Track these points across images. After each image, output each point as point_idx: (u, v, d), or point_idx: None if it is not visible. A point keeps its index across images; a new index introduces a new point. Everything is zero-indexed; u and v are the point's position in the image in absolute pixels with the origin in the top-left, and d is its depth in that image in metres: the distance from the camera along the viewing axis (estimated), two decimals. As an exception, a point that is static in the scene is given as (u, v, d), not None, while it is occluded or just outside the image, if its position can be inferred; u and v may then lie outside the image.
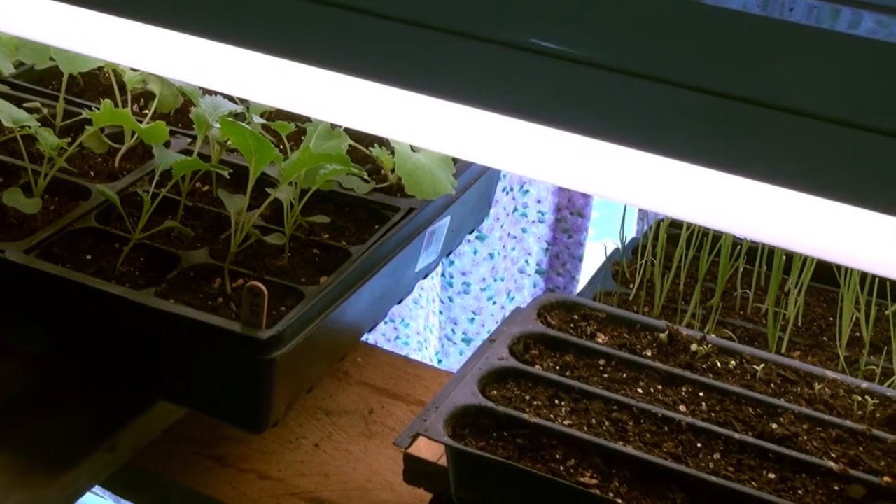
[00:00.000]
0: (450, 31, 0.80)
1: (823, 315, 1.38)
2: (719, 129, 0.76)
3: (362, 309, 1.29)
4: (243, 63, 0.90)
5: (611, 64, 0.76)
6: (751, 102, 0.74)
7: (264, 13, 0.86)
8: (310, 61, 0.87)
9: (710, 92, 0.74)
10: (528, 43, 0.77)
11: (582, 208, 2.01)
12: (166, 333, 1.17)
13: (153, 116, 1.45)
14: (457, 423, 1.08)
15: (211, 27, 0.88)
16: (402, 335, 2.05)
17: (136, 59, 1.03)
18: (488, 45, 0.79)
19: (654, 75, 0.75)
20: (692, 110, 0.76)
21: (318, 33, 0.85)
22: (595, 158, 0.84)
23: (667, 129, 0.78)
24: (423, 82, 0.84)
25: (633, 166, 0.83)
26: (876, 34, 0.68)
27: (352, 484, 1.29)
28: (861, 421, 1.12)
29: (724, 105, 0.74)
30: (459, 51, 0.80)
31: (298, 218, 1.29)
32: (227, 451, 1.32)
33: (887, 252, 0.82)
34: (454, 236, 1.51)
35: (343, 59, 0.86)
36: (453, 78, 0.83)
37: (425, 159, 1.31)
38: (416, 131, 0.95)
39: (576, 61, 0.77)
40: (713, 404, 1.13)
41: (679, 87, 0.75)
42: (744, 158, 0.77)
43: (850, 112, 0.70)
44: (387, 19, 0.82)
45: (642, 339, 1.22)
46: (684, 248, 1.40)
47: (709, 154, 0.78)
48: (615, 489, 1.02)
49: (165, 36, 0.90)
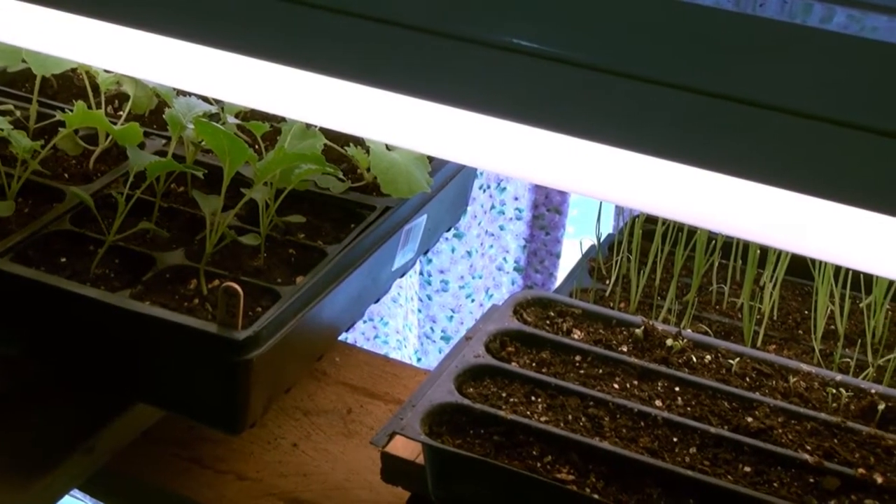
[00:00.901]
0: (424, 30, 0.80)
1: (798, 308, 1.39)
2: (693, 126, 0.77)
3: (339, 308, 1.29)
4: (217, 63, 0.90)
5: (584, 61, 0.76)
6: (724, 98, 0.74)
7: (237, 13, 0.86)
8: (283, 61, 0.87)
9: (683, 88, 0.75)
10: (503, 41, 0.78)
11: (559, 205, 2.02)
12: (142, 335, 1.17)
13: (127, 118, 1.44)
14: (433, 422, 1.08)
15: (184, 28, 0.87)
16: (381, 334, 2.05)
17: (109, 60, 1.03)
18: (462, 44, 0.79)
19: (628, 72, 0.75)
20: (666, 107, 0.76)
21: (291, 33, 0.85)
22: (570, 155, 0.85)
23: (641, 125, 0.78)
24: (397, 81, 0.84)
25: (608, 163, 0.83)
26: (848, 29, 0.68)
27: (331, 483, 1.29)
28: (836, 413, 1.13)
29: (698, 101, 0.75)
30: (433, 49, 0.80)
31: (274, 218, 1.29)
32: (205, 452, 1.32)
33: (861, 246, 0.83)
34: (431, 234, 1.51)
35: (317, 58, 0.86)
36: (428, 76, 0.83)
37: (400, 158, 1.32)
38: (391, 130, 0.95)
39: (551, 59, 0.77)
40: (689, 399, 1.14)
41: (652, 84, 0.75)
42: (717, 154, 0.77)
43: (821, 107, 0.71)
44: (361, 18, 0.82)
45: (618, 334, 1.22)
46: (660, 243, 1.41)
47: (683, 150, 0.78)
48: (592, 485, 1.02)
49: (138, 37, 0.90)
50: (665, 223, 1.41)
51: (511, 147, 0.88)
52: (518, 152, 0.89)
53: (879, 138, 0.71)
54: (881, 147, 0.71)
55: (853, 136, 0.71)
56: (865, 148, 0.71)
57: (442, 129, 0.89)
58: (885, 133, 0.70)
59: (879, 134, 0.70)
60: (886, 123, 0.70)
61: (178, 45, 0.88)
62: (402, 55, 0.82)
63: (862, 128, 0.71)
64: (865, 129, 0.71)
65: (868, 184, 0.73)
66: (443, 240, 1.98)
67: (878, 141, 0.70)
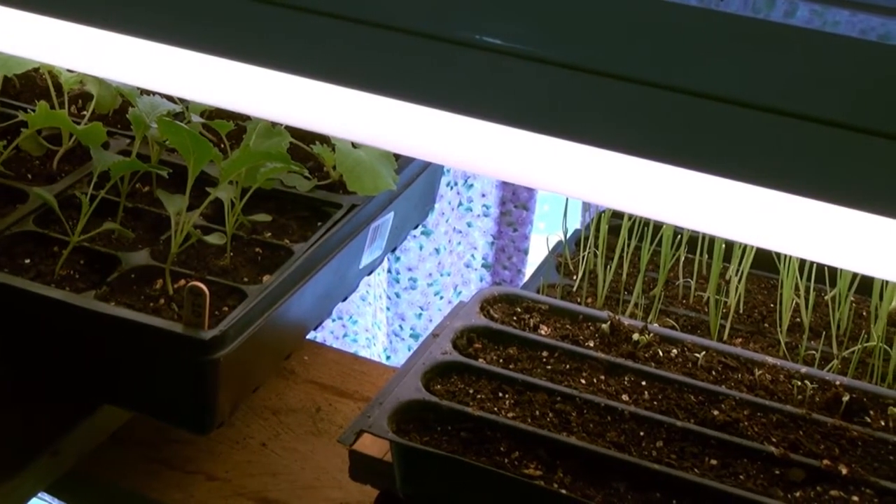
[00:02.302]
0: (386, 27, 0.80)
1: (764, 302, 1.40)
2: (657, 121, 0.77)
3: (306, 307, 1.29)
4: (179, 62, 0.89)
5: (552, 58, 0.76)
6: (688, 93, 0.74)
7: (200, 11, 0.85)
8: (247, 60, 0.87)
9: (647, 83, 0.75)
10: (470, 38, 0.78)
11: (526, 202, 2.02)
12: (108, 337, 1.16)
13: (91, 117, 1.43)
14: (401, 419, 1.08)
15: (146, 26, 0.87)
16: (351, 332, 2.05)
17: (71, 59, 1.02)
18: (428, 41, 0.79)
19: (593, 69, 0.76)
20: (631, 103, 0.76)
21: (255, 31, 0.85)
22: (536, 152, 0.85)
23: (606, 122, 0.79)
24: (362, 78, 0.84)
25: (574, 160, 0.83)
26: (811, 23, 0.68)
27: (300, 483, 1.29)
28: (801, 405, 1.14)
29: (663, 96, 0.75)
30: (396, 47, 0.80)
31: (240, 217, 1.29)
32: (173, 453, 1.32)
33: (825, 239, 0.83)
34: (398, 232, 1.51)
35: (281, 56, 0.85)
36: (391, 74, 0.83)
37: (366, 155, 1.31)
38: (355, 128, 0.95)
39: (518, 56, 0.77)
40: (655, 393, 1.14)
41: (617, 80, 0.76)
42: (682, 149, 0.78)
43: (788, 101, 0.71)
44: (326, 16, 0.82)
45: (585, 330, 1.23)
46: (626, 238, 1.41)
47: (647, 145, 0.79)
48: (559, 480, 1.03)
49: (100, 36, 0.89)
50: (631, 218, 1.42)
51: (476, 144, 0.88)
52: (484, 150, 0.89)
53: (846, 133, 0.71)
54: (848, 142, 0.71)
55: (818, 130, 0.72)
56: (832, 143, 0.72)
57: (407, 126, 0.89)
58: (852, 128, 0.70)
59: (846, 129, 0.71)
60: (851, 118, 0.70)
61: (140, 43, 0.87)
62: (366, 53, 0.82)
63: (826, 122, 0.71)
64: (830, 124, 0.71)
65: (834, 178, 0.74)
66: (411, 237, 1.98)
67: (845, 135, 0.71)
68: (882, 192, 0.73)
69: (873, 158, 0.71)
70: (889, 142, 0.69)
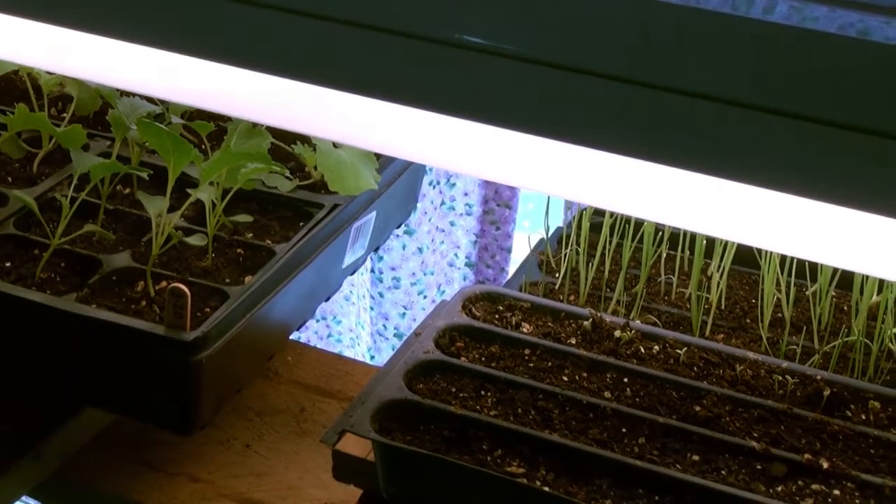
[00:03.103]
0: (367, 27, 0.80)
1: (746, 297, 1.40)
2: (637, 118, 0.77)
3: (289, 307, 1.29)
4: (159, 63, 0.89)
5: (530, 56, 0.77)
6: (668, 91, 0.75)
7: (178, 12, 0.85)
8: (226, 60, 0.87)
9: (627, 81, 0.75)
10: (447, 36, 0.78)
11: (509, 200, 2.02)
12: (90, 339, 1.16)
13: (71, 119, 1.43)
14: (383, 418, 1.08)
15: (123, 27, 0.87)
16: (335, 332, 2.05)
17: (49, 61, 1.02)
18: (405, 39, 0.79)
19: (573, 66, 0.76)
20: (610, 100, 0.77)
21: (233, 31, 0.85)
22: (516, 150, 0.85)
23: (585, 119, 0.79)
24: (341, 79, 0.84)
25: (554, 157, 0.84)
26: (790, 19, 0.69)
27: (284, 483, 1.28)
28: (782, 400, 1.14)
29: (642, 94, 0.75)
30: (375, 46, 0.80)
31: (221, 218, 1.28)
32: (156, 455, 1.31)
33: (805, 235, 0.84)
34: (381, 231, 1.51)
35: (259, 56, 0.85)
36: (370, 73, 0.83)
37: (347, 155, 1.31)
38: (335, 127, 0.95)
39: (496, 54, 0.77)
40: (637, 389, 1.14)
41: (597, 77, 0.76)
42: (662, 146, 0.78)
43: (764, 97, 0.72)
44: (305, 16, 0.82)
45: (567, 327, 1.23)
46: (607, 235, 1.41)
47: (627, 143, 0.79)
48: (542, 477, 1.03)
49: (77, 38, 0.89)
50: (613, 216, 1.42)
51: (457, 143, 0.88)
52: (464, 149, 0.89)
53: (825, 128, 0.72)
54: (826, 138, 0.72)
55: (797, 126, 0.72)
56: (811, 139, 0.72)
57: (387, 126, 0.89)
58: (830, 123, 0.71)
59: (824, 124, 0.71)
60: (830, 114, 0.71)
61: (118, 45, 0.87)
62: (345, 52, 0.82)
63: (805, 118, 0.72)
64: (809, 120, 0.72)
65: (813, 174, 0.74)
66: (393, 237, 1.98)
67: (823, 131, 0.71)
68: (860, 187, 0.74)
69: (852, 154, 0.72)
70: (867, 137, 0.70)
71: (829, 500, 1.03)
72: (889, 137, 0.68)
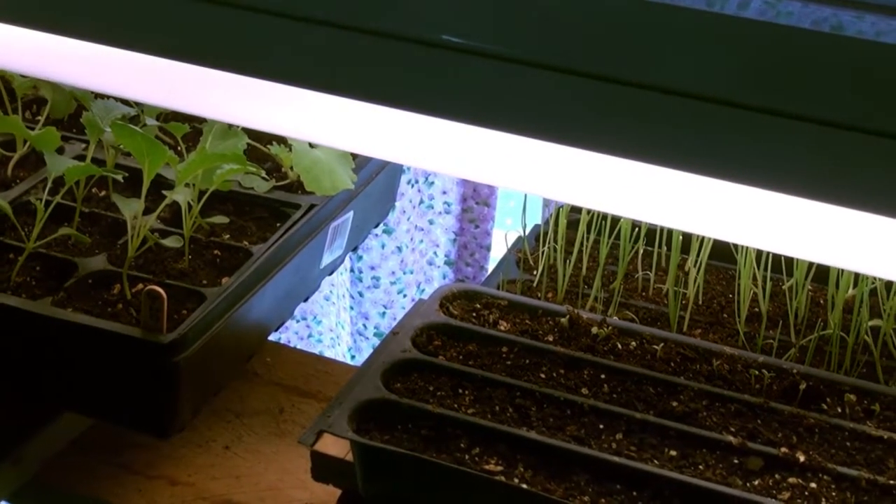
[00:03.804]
0: (338, 26, 0.80)
1: (723, 292, 1.41)
2: (611, 115, 0.77)
3: (267, 308, 1.29)
4: (132, 65, 0.89)
5: (504, 54, 0.77)
6: (642, 87, 0.75)
7: (150, 13, 0.85)
8: (199, 61, 0.86)
9: (600, 78, 0.75)
10: (423, 35, 0.78)
11: (487, 198, 2.03)
12: (66, 343, 1.16)
13: (46, 122, 1.43)
14: (361, 418, 1.08)
15: (95, 30, 0.87)
16: (315, 332, 2.04)
17: (21, 64, 1.02)
18: (379, 38, 0.79)
19: (547, 64, 0.76)
20: (585, 97, 0.77)
21: (206, 32, 0.85)
22: (492, 149, 0.85)
23: (558, 116, 0.79)
24: (315, 79, 0.84)
25: (529, 155, 0.84)
26: (764, 15, 0.69)
27: (264, 485, 1.28)
28: (758, 394, 1.15)
29: (616, 91, 0.75)
30: (348, 45, 0.80)
31: (197, 219, 1.28)
32: (135, 458, 1.31)
33: (778, 229, 0.84)
34: (359, 231, 1.51)
35: (233, 57, 0.85)
36: (343, 73, 0.83)
37: (323, 155, 1.31)
38: (310, 128, 0.95)
39: (468, 52, 0.77)
40: (615, 385, 1.15)
41: (571, 75, 0.76)
42: (635, 142, 0.78)
43: (739, 93, 0.72)
44: (276, 16, 0.82)
45: (544, 324, 1.23)
46: (585, 232, 1.42)
47: (601, 140, 0.79)
48: (520, 475, 1.03)
49: (49, 40, 0.89)
50: (590, 213, 1.43)
51: (432, 142, 0.88)
52: (439, 147, 0.89)
53: (799, 123, 0.72)
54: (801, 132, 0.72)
55: (771, 121, 0.72)
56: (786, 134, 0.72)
57: (363, 126, 0.89)
58: (801, 118, 0.71)
59: (799, 119, 0.72)
60: (799, 107, 0.71)
61: (90, 47, 0.87)
62: (319, 52, 0.82)
63: (780, 113, 0.72)
64: (784, 115, 0.72)
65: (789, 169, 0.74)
66: (372, 236, 1.98)
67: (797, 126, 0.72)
68: (834, 182, 0.74)
69: (827, 149, 0.72)
70: (840, 132, 0.70)
71: (805, 493, 1.03)
72: (862, 132, 0.68)
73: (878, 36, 0.67)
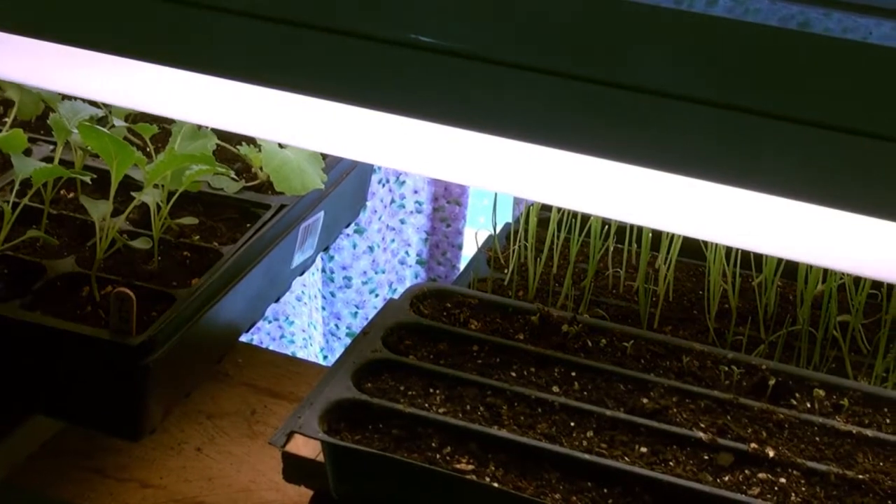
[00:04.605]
0: (306, 25, 0.80)
1: (693, 289, 1.41)
2: (578, 113, 0.78)
3: (237, 309, 1.28)
4: (100, 66, 0.88)
5: (471, 52, 0.77)
6: (608, 85, 0.75)
7: (116, 14, 0.85)
8: (167, 62, 0.86)
9: (568, 76, 0.76)
10: (387, 34, 0.78)
11: (459, 197, 2.03)
12: (35, 346, 1.15)
13: (13, 124, 1.41)
14: (332, 418, 1.08)
15: (61, 30, 0.86)
16: (287, 333, 2.04)
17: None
18: (348, 38, 0.79)
19: (517, 62, 0.76)
20: (552, 95, 0.77)
21: (173, 32, 0.84)
22: (461, 148, 0.85)
23: (524, 113, 0.79)
24: (282, 79, 0.84)
25: (497, 153, 0.84)
26: (733, 12, 0.69)
27: (236, 486, 1.28)
28: (728, 390, 1.15)
29: (582, 88, 0.75)
30: (316, 45, 0.80)
31: (167, 221, 1.28)
32: (106, 461, 1.30)
33: (749, 226, 0.84)
34: (330, 231, 1.51)
35: (202, 58, 0.85)
36: (313, 73, 0.83)
37: (293, 155, 1.31)
38: (278, 129, 0.95)
39: (436, 51, 0.77)
40: (585, 383, 1.15)
41: (536, 72, 0.76)
42: (604, 140, 0.78)
43: (707, 90, 0.72)
44: (246, 16, 0.82)
45: (515, 323, 1.23)
46: (555, 230, 1.42)
47: (569, 137, 0.79)
48: (491, 473, 1.03)
49: (16, 41, 0.88)
50: (560, 210, 1.43)
51: (398, 141, 0.88)
52: (404, 146, 0.89)
53: (766, 120, 0.72)
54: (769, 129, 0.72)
55: (741, 119, 0.73)
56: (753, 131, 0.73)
57: (331, 126, 0.89)
58: (773, 115, 0.72)
59: (766, 116, 0.72)
60: (767, 105, 0.71)
61: (57, 48, 0.87)
62: (284, 50, 0.82)
63: (747, 110, 0.72)
64: (751, 112, 0.72)
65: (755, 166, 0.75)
66: (344, 236, 1.97)
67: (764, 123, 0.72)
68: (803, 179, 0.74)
69: (794, 146, 0.73)
70: (810, 129, 0.71)
71: (775, 488, 1.04)
72: (831, 129, 0.69)
73: (844, 33, 0.67)
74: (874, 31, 0.67)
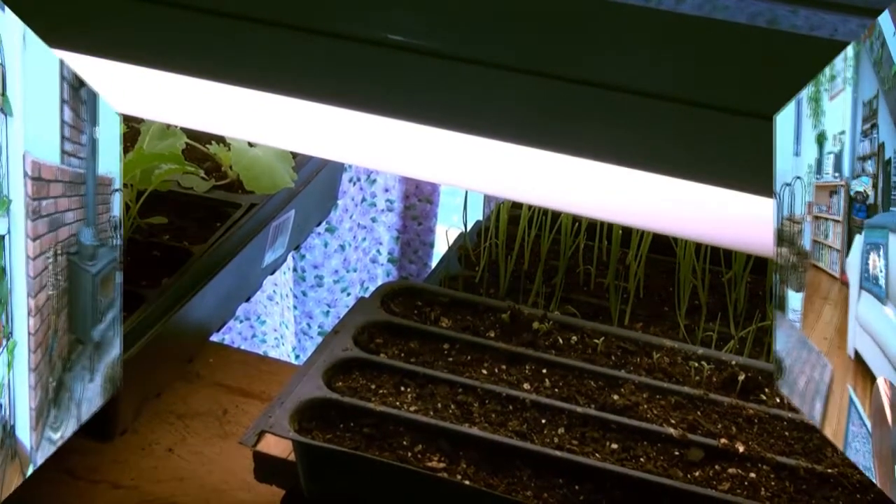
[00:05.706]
0: (274, 24, 0.80)
1: (663, 285, 1.42)
2: (547, 110, 0.78)
3: (208, 309, 1.28)
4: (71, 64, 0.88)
5: (437, 50, 0.77)
6: (577, 82, 0.75)
7: (87, 12, 0.84)
8: (136, 61, 0.86)
9: (534, 73, 0.76)
10: (357, 32, 0.78)
11: (430, 195, 2.03)
12: (2, 347, 1.14)
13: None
14: (303, 417, 1.08)
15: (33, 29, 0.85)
16: (259, 333, 2.04)
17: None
18: (317, 37, 0.79)
19: (484, 60, 0.76)
20: (518, 92, 0.77)
21: (143, 32, 0.84)
22: (429, 145, 0.85)
23: (492, 111, 0.79)
24: (251, 77, 0.84)
25: (466, 151, 0.84)
26: (702, 9, 0.70)
27: (208, 486, 1.27)
28: (698, 386, 1.16)
29: (551, 85, 0.76)
30: (285, 43, 0.80)
31: (136, 220, 1.27)
32: (76, 463, 1.29)
33: (715, 221, 0.85)
34: (301, 230, 1.51)
35: (170, 57, 0.85)
36: (282, 72, 0.83)
37: (263, 154, 1.31)
38: (247, 127, 0.95)
39: (402, 49, 0.77)
40: (556, 380, 1.15)
41: (505, 70, 0.76)
42: (570, 137, 0.79)
43: (677, 88, 0.73)
44: (214, 14, 0.82)
45: (485, 320, 1.24)
46: (526, 227, 1.42)
47: (536, 135, 0.80)
48: (463, 471, 1.03)
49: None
50: (531, 208, 1.43)
51: (367, 140, 0.88)
52: (374, 144, 0.89)
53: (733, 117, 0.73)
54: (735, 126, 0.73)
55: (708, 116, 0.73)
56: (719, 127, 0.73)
57: (301, 124, 0.89)
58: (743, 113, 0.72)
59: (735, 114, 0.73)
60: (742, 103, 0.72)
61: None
62: (253, 49, 0.82)
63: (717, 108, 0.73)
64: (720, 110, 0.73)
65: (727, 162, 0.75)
66: (315, 234, 1.97)
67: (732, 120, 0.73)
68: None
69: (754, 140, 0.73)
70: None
71: (745, 483, 1.04)
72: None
73: (811, 30, 0.68)
74: (840, 27, 0.68)
